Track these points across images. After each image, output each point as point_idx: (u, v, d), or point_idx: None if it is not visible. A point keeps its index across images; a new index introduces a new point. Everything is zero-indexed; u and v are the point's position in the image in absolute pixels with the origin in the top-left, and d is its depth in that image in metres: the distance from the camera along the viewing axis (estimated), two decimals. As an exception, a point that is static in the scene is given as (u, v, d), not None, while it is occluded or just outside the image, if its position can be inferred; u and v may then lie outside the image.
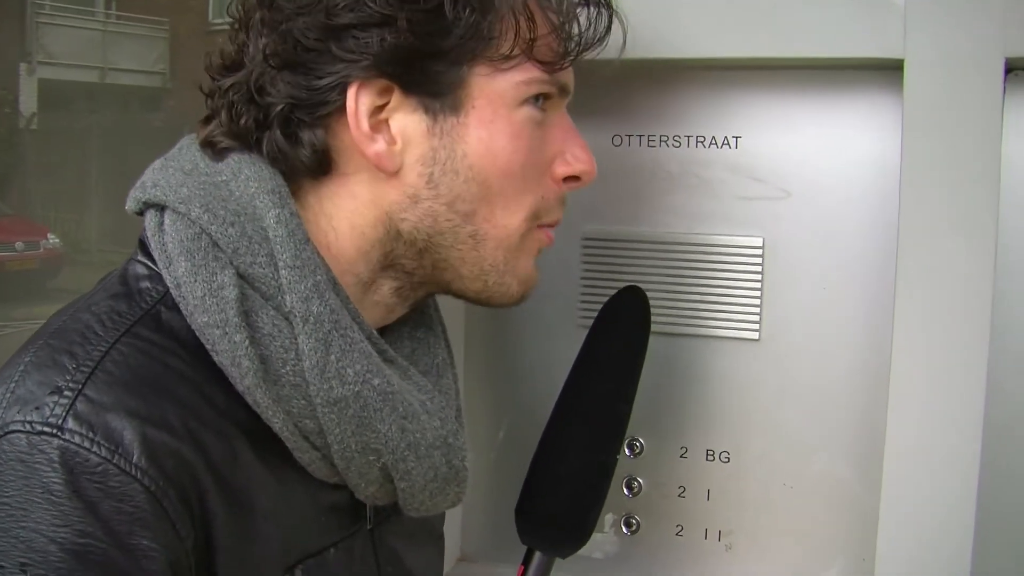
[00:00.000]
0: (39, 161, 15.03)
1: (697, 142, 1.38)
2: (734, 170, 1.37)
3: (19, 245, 13.06)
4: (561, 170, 1.06)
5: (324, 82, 0.97)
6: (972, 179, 1.18)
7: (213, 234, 0.94)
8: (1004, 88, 1.18)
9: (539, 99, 1.03)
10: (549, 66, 1.02)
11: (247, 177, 0.97)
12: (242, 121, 0.99)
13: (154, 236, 0.97)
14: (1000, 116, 1.18)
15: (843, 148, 1.32)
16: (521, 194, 1.03)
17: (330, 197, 1.02)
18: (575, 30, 1.04)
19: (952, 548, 1.20)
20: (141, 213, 1.00)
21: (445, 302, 1.18)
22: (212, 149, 1.01)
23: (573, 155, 1.07)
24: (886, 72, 1.24)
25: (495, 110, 1.00)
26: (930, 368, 1.21)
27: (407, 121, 0.99)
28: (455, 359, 1.17)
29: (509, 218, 1.03)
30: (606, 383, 1.24)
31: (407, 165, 1.00)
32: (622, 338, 1.25)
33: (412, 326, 1.14)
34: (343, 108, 0.98)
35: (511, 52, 0.99)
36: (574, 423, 1.23)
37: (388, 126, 0.99)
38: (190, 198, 0.96)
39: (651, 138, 1.40)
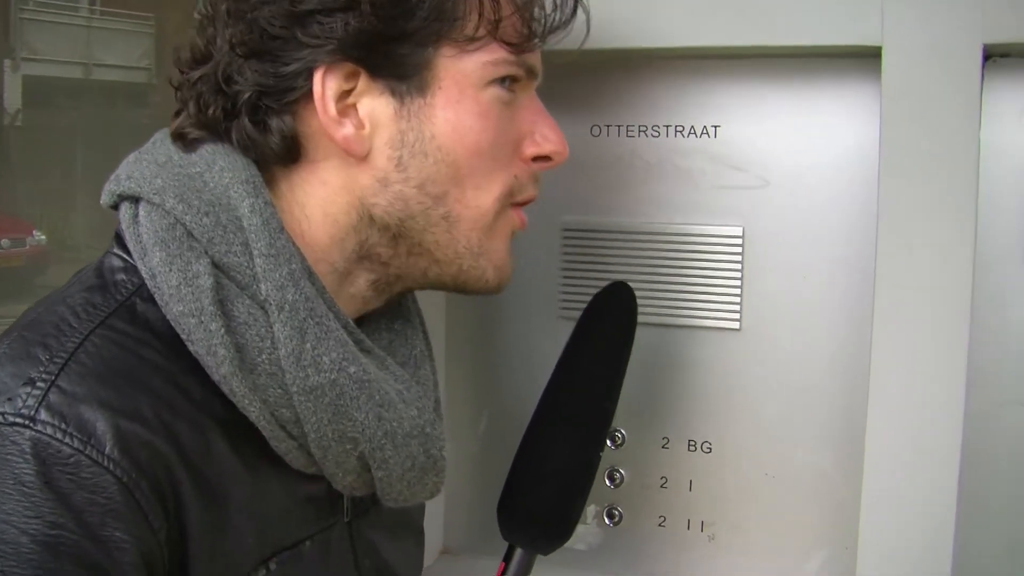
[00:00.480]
0: (24, 158, 14.97)
1: (676, 131, 1.38)
2: (713, 159, 1.36)
3: (5, 242, 13.00)
4: (530, 150, 1.06)
5: (290, 68, 0.97)
6: (951, 167, 1.18)
7: (188, 224, 0.94)
8: (982, 75, 1.18)
9: (506, 81, 1.03)
10: (515, 47, 1.02)
11: (221, 168, 0.97)
12: (210, 111, 0.99)
13: (129, 228, 0.97)
14: (978, 103, 1.17)
15: (822, 136, 1.32)
16: (492, 173, 1.03)
17: (301, 184, 1.02)
18: (538, 12, 1.04)
19: (933, 537, 1.20)
20: (116, 207, 1.00)
21: (425, 295, 1.18)
22: (183, 141, 1.01)
23: (542, 135, 1.07)
24: (865, 59, 1.24)
25: (462, 90, 1.00)
26: (910, 357, 1.20)
27: (374, 104, 0.99)
28: (436, 351, 1.16)
29: (481, 198, 1.03)
30: (592, 381, 1.23)
31: (376, 149, 1.00)
32: (608, 335, 1.25)
33: (389, 318, 1.13)
34: (310, 94, 0.98)
35: (476, 33, 0.99)
36: (558, 421, 1.22)
37: (356, 110, 0.99)
38: (164, 189, 0.96)
39: (630, 128, 1.40)
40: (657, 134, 1.39)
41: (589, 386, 1.23)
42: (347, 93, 0.99)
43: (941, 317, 1.19)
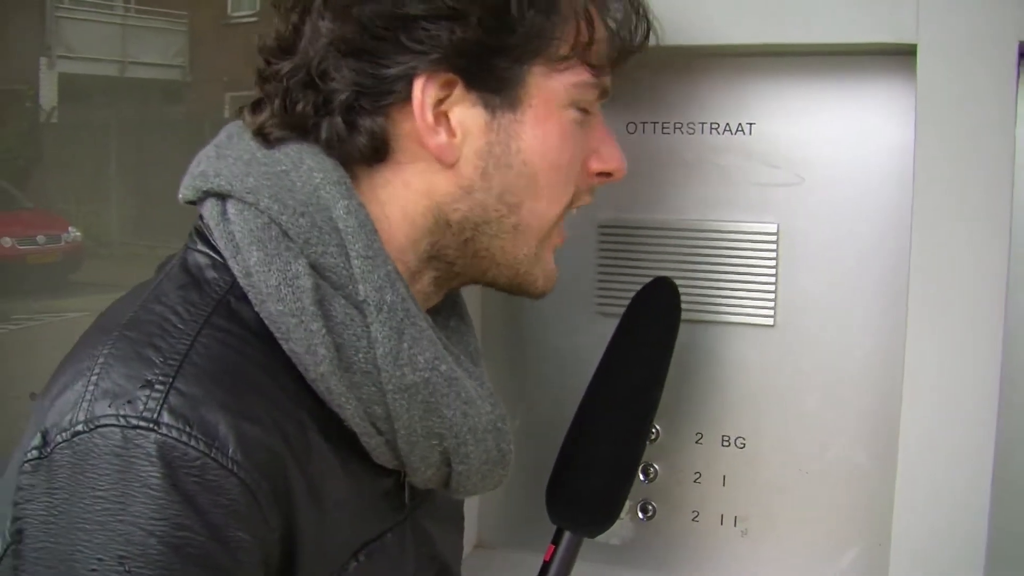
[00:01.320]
0: (60, 155, 15.08)
1: (711, 129, 1.38)
2: (748, 156, 1.37)
3: (41, 239, 13.10)
4: (596, 166, 1.10)
5: (391, 72, 0.98)
6: (986, 164, 1.18)
7: (283, 224, 0.95)
8: (1018, 72, 1.18)
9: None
10: (598, 70, 1.05)
11: (310, 168, 0.98)
12: (299, 107, 1.00)
13: (217, 225, 0.97)
14: (1014, 100, 1.17)
15: (857, 134, 1.32)
16: (564, 187, 1.07)
17: (384, 185, 1.02)
18: (625, 36, 1.07)
19: (967, 533, 1.21)
20: (193, 202, 1.01)
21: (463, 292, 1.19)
22: (264, 138, 1.01)
23: (608, 153, 1.11)
24: (900, 57, 1.24)
25: (549, 109, 1.03)
26: (945, 353, 1.21)
27: (467, 115, 1.01)
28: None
29: (552, 210, 1.07)
30: (639, 370, 1.27)
31: (464, 157, 1.02)
32: (654, 328, 1.29)
33: (445, 316, 1.15)
34: (406, 98, 0.99)
35: (568, 53, 1.02)
36: (608, 408, 1.27)
37: (447, 118, 1.01)
38: (258, 188, 0.96)
39: (665, 125, 1.41)
40: (692, 131, 1.39)
41: (637, 376, 1.27)
42: (441, 101, 1.00)
43: (976, 314, 1.19)
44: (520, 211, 1.04)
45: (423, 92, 0.98)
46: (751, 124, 1.37)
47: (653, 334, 1.28)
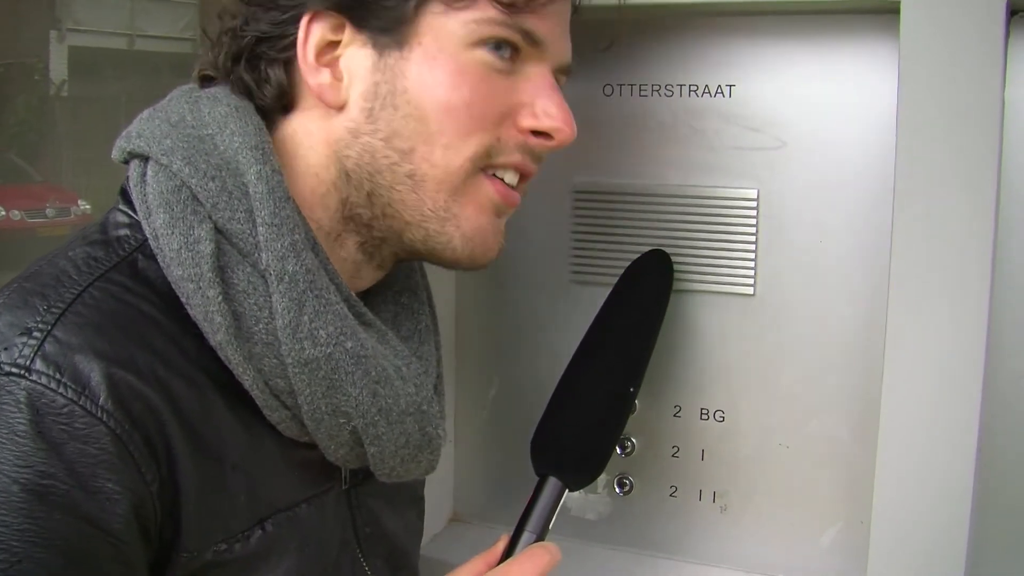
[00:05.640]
0: (69, 128, 15.11)
1: (690, 91, 1.34)
2: (728, 120, 1.33)
3: (50, 211, 13.15)
4: (527, 122, 1.02)
5: (285, 16, 0.99)
6: (972, 128, 1.13)
7: (193, 187, 0.93)
8: (1007, 31, 1.13)
9: (503, 48, 0.99)
10: (506, 7, 0.98)
11: (232, 132, 0.97)
12: (220, 57, 1.02)
13: (136, 186, 0.96)
14: (1002, 61, 1.12)
15: (840, 96, 1.28)
16: (466, 134, 0.99)
17: (292, 136, 1.02)
18: None
19: (949, 510, 1.17)
20: (126, 162, 1.00)
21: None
22: (201, 81, 1.05)
23: (543, 109, 1.02)
24: (883, 16, 1.19)
25: (441, 47, 0.98)
26: (927, 325, 1.16)
27: (356, 56, 0.99)
28: (447, 318, 1.15)
29: (451, 157, 0.99)
30: (632, 325, 1.27)
31: (352, 100, 0.99)
32: (649, 290, 1.30)
33: (397, 291, 1.13)
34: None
35: None
36: (599, 361, 1.25)
37: (339, 62, 0.99)
38: (173, 150, 0.95)
39: (643, 87, 1.36)
40: (671, 94, 1.35)
41: (629, 330, 1.27)
42: (335, 45, 0.99)
43: (960, 284, 1.15)
44: (413, 158, 0.99)
45: (307, 31, 0.98)
46: (731, 86, 1.32)
47: (647, 297, 1.30)
